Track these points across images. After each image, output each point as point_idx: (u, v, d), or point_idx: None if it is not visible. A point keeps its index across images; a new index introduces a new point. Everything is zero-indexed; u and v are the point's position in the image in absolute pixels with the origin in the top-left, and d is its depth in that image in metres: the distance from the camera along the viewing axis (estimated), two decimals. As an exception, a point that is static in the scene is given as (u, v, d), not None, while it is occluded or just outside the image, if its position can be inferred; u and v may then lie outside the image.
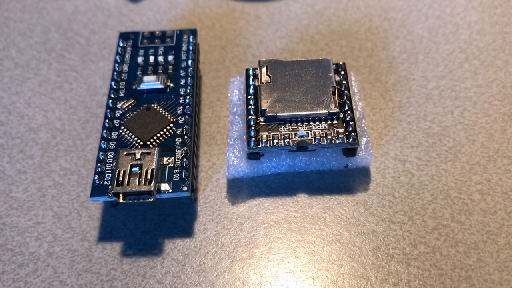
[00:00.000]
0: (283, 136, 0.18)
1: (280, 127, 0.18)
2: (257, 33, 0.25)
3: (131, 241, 0.18)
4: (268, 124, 0.18)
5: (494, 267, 0.17)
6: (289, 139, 0.18)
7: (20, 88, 0.23)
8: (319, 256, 0.18)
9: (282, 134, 0.18)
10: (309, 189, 0.19)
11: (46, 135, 0.21)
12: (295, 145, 0.18)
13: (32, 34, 0.25)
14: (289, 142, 0.18)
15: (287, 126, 0.18)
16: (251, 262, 0.18)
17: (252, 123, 0.18)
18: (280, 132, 0.18)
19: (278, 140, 0.18)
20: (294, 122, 0.18)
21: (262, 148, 0.18)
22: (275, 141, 0.18)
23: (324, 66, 0.19)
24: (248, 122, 0.18)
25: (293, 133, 0.18)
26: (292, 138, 0.18)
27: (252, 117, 0.18)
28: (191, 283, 0.17)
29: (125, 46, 0.21)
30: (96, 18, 0.26)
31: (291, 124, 0.18)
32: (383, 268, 0.17)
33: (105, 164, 0.18)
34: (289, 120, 0.18)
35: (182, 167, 0.18)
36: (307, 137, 0.18)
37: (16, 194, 0.19)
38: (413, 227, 0.18)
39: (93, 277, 0.17)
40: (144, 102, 0.20)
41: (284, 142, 0.18)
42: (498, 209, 0.18)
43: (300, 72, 0.19)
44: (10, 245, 0.18)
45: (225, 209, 0.19)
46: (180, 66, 0.21)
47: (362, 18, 0.25)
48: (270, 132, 0.18)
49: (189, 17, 0.26)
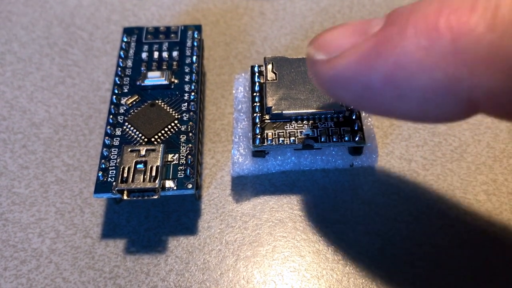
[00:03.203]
0: (289, 134, 0.18)
1: (286, 125, 0.18)
2: (262, 29, 0.25)
3: (135, 238, 0.18)
4: (274, 122, 0.18)
5: (500, 267, 0.17)
6: (294, 137, 0.18)
7: (23, 82, 0.23)
8: (324, 255, 0.17)
9: (287, 132, 0.18)
10: (314, 187, 0.19)
11: (48, 130, 0.21)
12: (300, 144, 0.18)
13: (34, 28, 0.25)
14: (294, 140, 0.18)
15: (292, 124, 0.18)
16: (255, 260, 0.17)
17: (258, 120, 0.18)
18: (286, 130, 0.18)
19: (284, 138, 0.18)
20: (300, 120, 0.18)
21: (268, 146, 0.18)
22: (281, 139, 0.18)
23: None
24: (253, 120, 0.18)
25: (298, 131, 0.18)
26: (297, 137, 0.18)
27: (257, 115, 0.18)
28: (195, 281, 0.17)
29: (129, 41, 0.21)
30: (99, 12, 0.25)
31: (296, 122, 0.18)
32: (389, 268, 0.17)
33: (109, 160, 0.18)
34: (295, 118, 0.18)
35: (187, 164, 0.17)
36: (313, 135, 0.18)
37: (18, 189, 0.19)
38: (418, 227, 0.18)
39: (96, 274, 0.17)
40: (148, 98, 0.19)
41: (290, 140, 0.18)
42: (503, 209, 0.18)
43: (306, 70, 0.19)
44: (12, 241, 0.18)
45: (229, 207, 0.19)
46: (185, 62, 0.20)
47: (367, 16, 0.25)
48: (276, 130, 0.18)
49: (193, 13, 0.25)
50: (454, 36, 0.11)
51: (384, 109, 0.13)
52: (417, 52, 0.11)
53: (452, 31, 0.11)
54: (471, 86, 0.11)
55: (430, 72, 0.11)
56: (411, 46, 0.11)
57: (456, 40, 0.11)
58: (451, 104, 0.12)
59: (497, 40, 0.10)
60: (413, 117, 0.13)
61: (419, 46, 0.11)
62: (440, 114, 0.12)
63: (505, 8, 0.10)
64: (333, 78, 0.13)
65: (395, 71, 0.12)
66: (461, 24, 0.11)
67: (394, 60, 0.12)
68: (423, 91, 0.12)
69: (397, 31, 0.12)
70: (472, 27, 0.11)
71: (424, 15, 0.12)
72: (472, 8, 0.11)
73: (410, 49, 0.11)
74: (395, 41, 0.12)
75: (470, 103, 0.11)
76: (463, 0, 0.11)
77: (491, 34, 0.10)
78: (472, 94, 0.11)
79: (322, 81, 0.14)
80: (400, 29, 0.12)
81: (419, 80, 0.12)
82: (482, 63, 0.11)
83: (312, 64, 0.14)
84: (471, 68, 0.11)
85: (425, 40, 0.11)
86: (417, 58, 0.11)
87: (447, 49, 0.11)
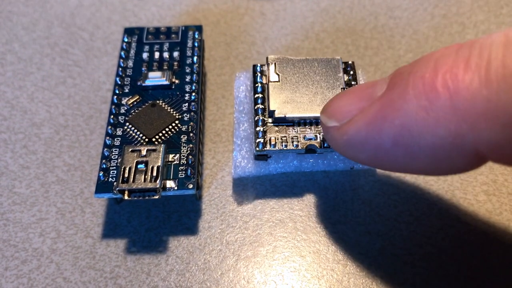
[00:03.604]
0: (292, 138, 0.18)
1: (289, 129, 0.18)
2: (262, 30, 0.25)
3: (135, 238, 0.18)
4: (277, 125, 0.18)
5: (500, 268, 0.17)
6: (297, 142, 0.18)
7: (23, 82, 0.23)
8: (325, 256, 0.18)
9: (290, 136, 0.18)
10: (314, 188, 0.19)
11: (49, 131, 0.21)
12: (303, 149, 0.18)
13: (35, 28, 0.25)
14: (297, 145, 0.18)
15: (295, 128, 0.18)
16: (256, 260, 0.17)
17: (260, 123, 0.18)
18: (289, 134, 0.18)
19: (287, 143, 0.18)
20: (302, 124, 0.18)
21: (270, 150, 0.18)
22: (284, 144, 0.18)
23: (333, 65, 0.19)
24: (256, 123, 0.18)
25: (301, 136, 0.18)
26: (300, 141, 0.18)
27: (259, 118, 0.18)
28: (196, 281, 0.17)
29: (130, 41, 0.21)
30: (100, 13, 0.25)
31: (299, 126, 0.18)
32: (389, 268, 0.17)
33: (110, 160, 0.18)
34: (298, 122, 0.18)
35: (188, 164, 0.17)
36: (315, 140, 0.18)
37: (19, 189, 0.19)
38: (419, 228, 0.18)
39: (97, 274, 0.17)
40: (149, 99, 0.19)
41: (293, 145, 0.18)
42: (503, 210, 0.18)
43: (309, 72, 0.19)
44: (13, 241, 0.18)
45: (230, 207, 0.19)
46: (186, 63, 0.21)
47: (367, 16, 0.25)
48: (278, 134, 0.18)
49: (194, 13, 0.25)
50: (452, 94, 0.11)
51: (399, 167, 0.14)
52: (418, 112, 0.12)
53: (449, 90, 0.11)
54: (474, 140, 0.11)
55: (434, 130, 0.12)
56: (412, 107, 0.12)
57: (453, 98, 0.11)
58: (460, 158, 0.12)
59: (493, 95, 0.11)
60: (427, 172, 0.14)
61: (420, 107, 0.12)
62: (452, 168, 0.13)
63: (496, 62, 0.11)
64: (347, 143, 0.14)
65: (402, 132, 0.12)
66: (457, 82, 0.11)
67: (399, 122, 0.12)
68: (430, 148, 0.12)
69: (398, 94, 0.12)
70: (467, 84, 0.11)
71: (421, 76, 0.12)
72: (466, 66, 0.11)
73: (412, 111, 0.12)
74: (397, 104, 0.12)
75: (477, 155, 0.12)
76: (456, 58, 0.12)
77: (486, 90, 0.11)
78: (477, 147, 0.11)
79: (338, 146, 0.15)
80: (401, 91, 0.12)
81: (424, 139, 0.12)
82: (481, 118, 0.11)
83: (326, 131, 0.15)
84: (471, 124, 0.11)
85: (425, 100, 0.12)
86: (420, 119, 0.12)
87: (446, 107, 0.11)
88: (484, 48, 0.11)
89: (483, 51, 0.11)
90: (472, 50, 0.11)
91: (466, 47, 0.12)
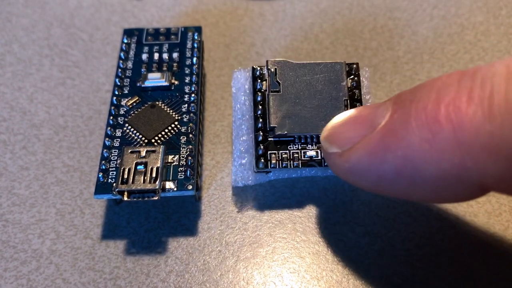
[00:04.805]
0: (293, 155, 0.17)
1: (289, 145, 0.18)
2: (261, 31, 0.25)
3: (135, 239, 0.18)
4: (277, 141, 0.18)
5: (499, 269, 0.17)
6: (298, 160, 0.17)
7: (23, 83, 0.23)
8: (324, 256, 0.18)
9: (291, 153, 0.18)
10: (313, 189, 0.19)
11: (48, 132, 0.21)
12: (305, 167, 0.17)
13: (34, 30, 0.25)
14: (298, 164, 0.17)
15: (296, 144, 0.18)
16: (255, 261, 0.17)
17: (260, 138, 0.18)
18: (290, 150, 0.18)
19: (287, 161, 0.17)
20: (303, 139, 0.18)
21: (271, 169, 0.17)
22: (284, 163, 0.17)
23: (336, 71, 0.18)
24: (255, 138, 0.18)
25: (302, 152, 0.18)
26: (301, 159, 0.17)
27: (260, 134, 0.18)
28: (195, 282, 0.17)
29: (129, 42, 0.21)
30: (99, 14, 0.25)
31: (300, 141, 0.18)
32: (388, 269, 0.17)
33: (109, 161, 0.18)
34: (298, 137, 0.18)
35: (187, 165, 0.17)
36: (316, 157, 0.18)
37: (18, 190, 0.19)
38: (418, 228, 0.18)
39: (96, 275, 0.17)
40: (148, 100, 0.19)
41: (293, 164, 0.17)
42: (503, 211, 0.18)
43: (311, 80, 0.18)
44: (12, 242, 0.18)
45: (229, 208, 0.19)
46: (185, 64, 0.21)
47: (366, 17, 0.25)
48: (279, 151, 0.18)
49: (193, 14, 0.25)
50: (455, 128, 0.11)
51: (401, 194, 0.14)
52: (422, 145, 0.12)
53: (452, 123, 0.11)
54: (479, 173, 0.11)
55: (437, 163, 0.12)
56: (415, 139, 0.12)
57: (457, 131, 0.11)
58: (463, 190, 0.12)
59: (496, 130, 0.11)
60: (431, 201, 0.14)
61: (423, 139, 0.12)
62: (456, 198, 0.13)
63: (499, 96, 0.11)
64: (349, 170, 0.14)
65: (405, 163, 0.12)
66: (460, 115, 0.11)
67: (402, 153, 0.12)
68: (434, 180, 0.12)
69: (400, 124, 0.12)
70: (471, 118, 0.11)
71: (423, 106, 0.12)
72: (469, 98, 0.11)
73: (415, 142, 0.12)
74: (400, 134, 0.12)
75: (481, 186, 0.12)
76: (459, 89, 0.11)
77: (490, 125, 0.11)
78: (481, 180, 0.11)
79: (340, 172, 0.15)
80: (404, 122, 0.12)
81: (428, 171, 0.12)
82: (486, 152, 0.11)
83: (328, 157, 0.15)
84: (475, 158, 0.11)
85: (428, 133, 0.12)
86: (423, 151, 0.12)
87: (450, 140, 0.11)
88: (486, 79, 0.11)
89: (485, 83, 0.11)
90: (475, 80, 0.11)
91: (468, 77, 0.11)
